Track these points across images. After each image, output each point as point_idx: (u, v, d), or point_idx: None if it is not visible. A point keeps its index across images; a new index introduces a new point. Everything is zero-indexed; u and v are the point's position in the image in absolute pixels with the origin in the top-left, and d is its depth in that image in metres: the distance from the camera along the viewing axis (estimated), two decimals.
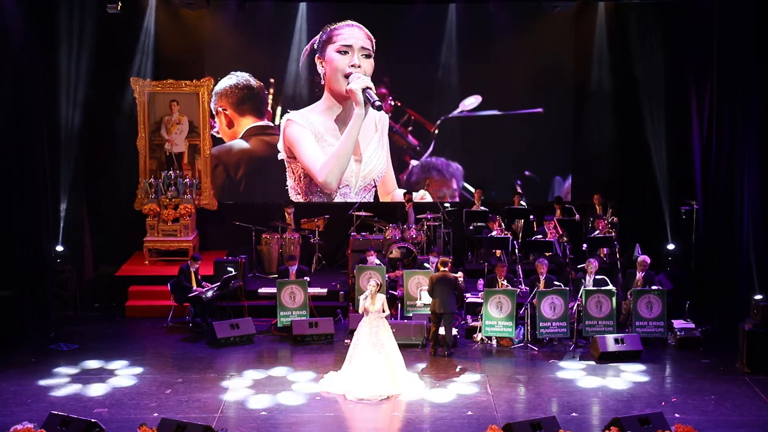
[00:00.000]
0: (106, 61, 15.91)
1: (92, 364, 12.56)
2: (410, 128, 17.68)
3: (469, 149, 17.59)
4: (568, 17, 16.98)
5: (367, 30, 17.04)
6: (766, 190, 13.91)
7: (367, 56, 17.10)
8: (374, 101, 16.82)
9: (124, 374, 12.20)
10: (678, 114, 15.85)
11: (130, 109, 16.49)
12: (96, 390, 11.59)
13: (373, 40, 17.06)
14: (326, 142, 17.27)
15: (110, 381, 11.91)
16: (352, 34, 17.11)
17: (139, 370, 12.37)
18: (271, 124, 17.39)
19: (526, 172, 17.69)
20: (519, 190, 17.09)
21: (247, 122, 17.33)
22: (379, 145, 17.47)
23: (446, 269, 13.05)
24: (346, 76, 17.03)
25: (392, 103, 17.54)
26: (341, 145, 17.27)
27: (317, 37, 17.09)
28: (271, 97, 17.28)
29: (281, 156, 17.41)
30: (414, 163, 17.76)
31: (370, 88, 16.94)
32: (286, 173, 17.46)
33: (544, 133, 17.42)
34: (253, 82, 17.17)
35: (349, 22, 17.08)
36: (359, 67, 16.99)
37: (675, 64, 15.78)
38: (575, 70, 17.31)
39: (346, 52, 17.02)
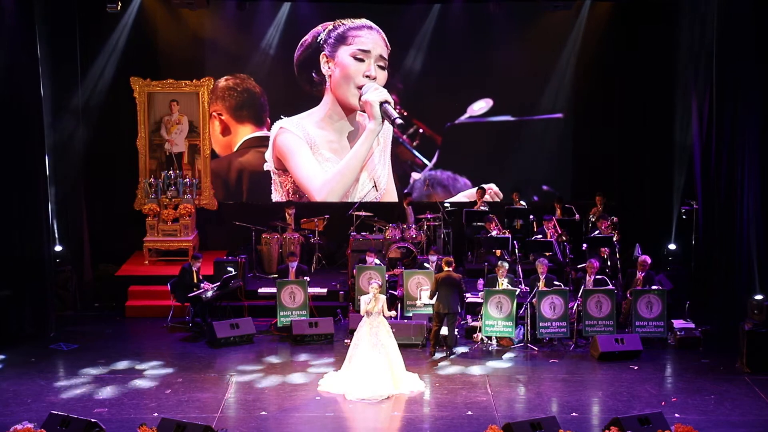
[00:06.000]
0: (106, 60, 15.89)
1: (92, 364, 12.54)
2: (416, 142, 16.77)
3: (471, 156, 17.34)
4: (568, 17, 16.95)
5: (384, 36, 16.20)
6: (766, 191, 13.90)
7: (382, 67, 16.16)
8: (394, 118, 15.55)
9: (124, 374, 12.19)
10: (678, 114, 15.85)
11: (130, 109, 16.49)
12: (96, 390, 11.58)
13: (389, 49, 16.26)
14: (322, 156, 16.68)
15: (110, 381, 11.90)
16: (372, 38, 16.16)
17: (139, 369, 12.38)
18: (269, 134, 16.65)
19: (544, 187, 17.34)
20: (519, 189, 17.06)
21: (246, 131, 16.75)
22: (381, 161, 16.77)
23: (450, 269, 13.02)
24: (358, 87, 16.20)
25: (404, 114, 16.56)
26: (348, 162, 16.36)
27: (323, 29, 16.39)
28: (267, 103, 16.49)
29: (268, 167, 16.81)
30: (416, 176, 17.18)
31: (389, 102, 15.87)
32: (272, 186, 16.97)
33: (544, 134, 17.34)
34: (255, 85, 16.83)
35: (367, 22, 16.29)
36: (374, 78, 16.17)
37: (675, 64, 15.77)
38: (575, 70, 17.28)
39: (362, 60, 16.05)
